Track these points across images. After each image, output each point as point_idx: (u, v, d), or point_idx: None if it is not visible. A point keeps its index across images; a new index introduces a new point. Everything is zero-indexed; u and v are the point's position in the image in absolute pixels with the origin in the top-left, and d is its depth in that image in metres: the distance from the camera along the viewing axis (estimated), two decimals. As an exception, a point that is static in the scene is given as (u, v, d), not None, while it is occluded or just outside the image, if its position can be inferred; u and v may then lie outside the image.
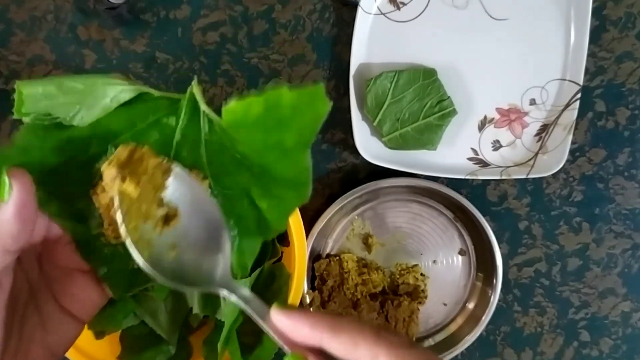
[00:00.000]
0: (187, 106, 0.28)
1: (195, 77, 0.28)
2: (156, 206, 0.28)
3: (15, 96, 0.26)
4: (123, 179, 0.26)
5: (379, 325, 0.51)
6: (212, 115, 0.27)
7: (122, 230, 0.26)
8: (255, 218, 0.29)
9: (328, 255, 0.53)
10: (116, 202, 0.26)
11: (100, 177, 0.28)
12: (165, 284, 0.27)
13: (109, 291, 0.30)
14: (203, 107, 0.28)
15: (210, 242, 0.28)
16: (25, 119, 0.27)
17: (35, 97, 0.26)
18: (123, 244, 0.27)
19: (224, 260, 0.28)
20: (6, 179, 0.23)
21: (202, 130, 0.28)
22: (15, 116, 0.27)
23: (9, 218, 0.23)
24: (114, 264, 0.29)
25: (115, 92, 0.27)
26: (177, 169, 0.28)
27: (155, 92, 0.28)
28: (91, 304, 0.30)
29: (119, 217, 0.26)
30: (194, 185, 0.29)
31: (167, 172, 0.28)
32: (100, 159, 0.28)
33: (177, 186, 0.28)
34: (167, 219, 0.28)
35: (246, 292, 0.26)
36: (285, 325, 0.24)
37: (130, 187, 0.26)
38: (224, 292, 0.27)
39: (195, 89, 0.27)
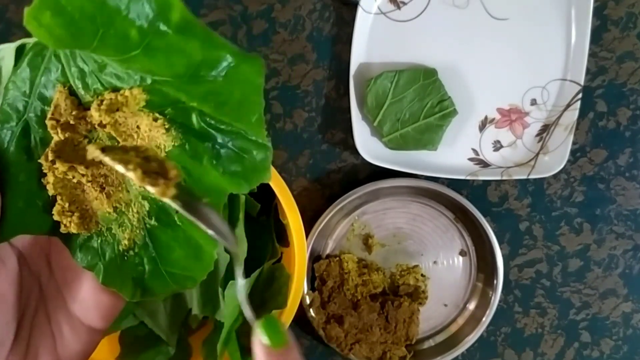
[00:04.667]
0: None
1: None
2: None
3: None
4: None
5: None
6: None
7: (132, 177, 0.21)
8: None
9: (328, 256, 0.53)
10: (120, 168, 0.21)
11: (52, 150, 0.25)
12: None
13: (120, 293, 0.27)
14: None
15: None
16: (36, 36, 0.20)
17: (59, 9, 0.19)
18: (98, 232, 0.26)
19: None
20: None
21: None
22: (25, 23, 0.20)
23: None
24: (108, 258, 0.26)
25: None
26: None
27: None
28: (103, 309, 0.27)
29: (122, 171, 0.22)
30: None
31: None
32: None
33: None
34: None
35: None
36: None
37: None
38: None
39: None
